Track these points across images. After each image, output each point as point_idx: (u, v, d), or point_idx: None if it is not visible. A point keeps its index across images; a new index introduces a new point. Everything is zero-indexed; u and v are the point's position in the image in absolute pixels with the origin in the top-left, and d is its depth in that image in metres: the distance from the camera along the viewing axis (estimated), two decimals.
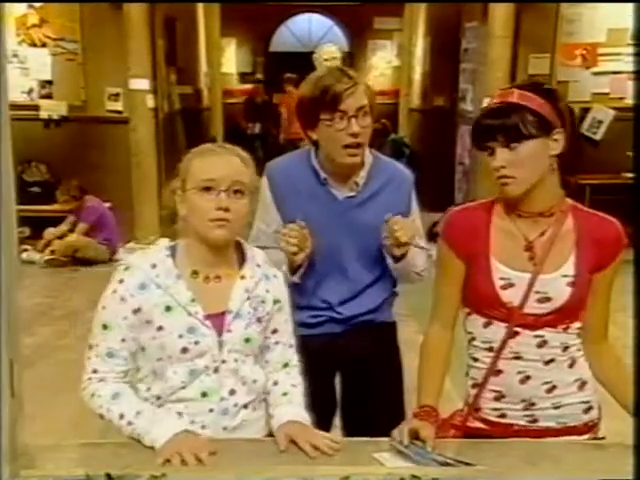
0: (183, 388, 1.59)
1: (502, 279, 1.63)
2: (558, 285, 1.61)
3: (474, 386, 1.72)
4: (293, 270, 1.97)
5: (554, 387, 1.66)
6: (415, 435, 1.54)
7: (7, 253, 1.30)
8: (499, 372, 1.68)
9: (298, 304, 2.12)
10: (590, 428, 1.71)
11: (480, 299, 1.68)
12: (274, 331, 1.70)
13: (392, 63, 12.62)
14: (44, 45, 6.67)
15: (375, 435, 1.61)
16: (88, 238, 6.37)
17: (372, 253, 2.05)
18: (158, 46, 6.93)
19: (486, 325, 1.68)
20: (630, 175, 6.10)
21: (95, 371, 1.61)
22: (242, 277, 1.64)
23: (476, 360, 1.72)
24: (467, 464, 1.47)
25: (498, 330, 1.66)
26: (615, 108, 6.56)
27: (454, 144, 7.88)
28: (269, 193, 2.07)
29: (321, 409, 2.09)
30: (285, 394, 1.68)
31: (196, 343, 1.57)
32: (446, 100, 8.52)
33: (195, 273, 1.61)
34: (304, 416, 1.63)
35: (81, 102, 6.74)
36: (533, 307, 1.62)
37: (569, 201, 1.66)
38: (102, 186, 6.56)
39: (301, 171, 2.06)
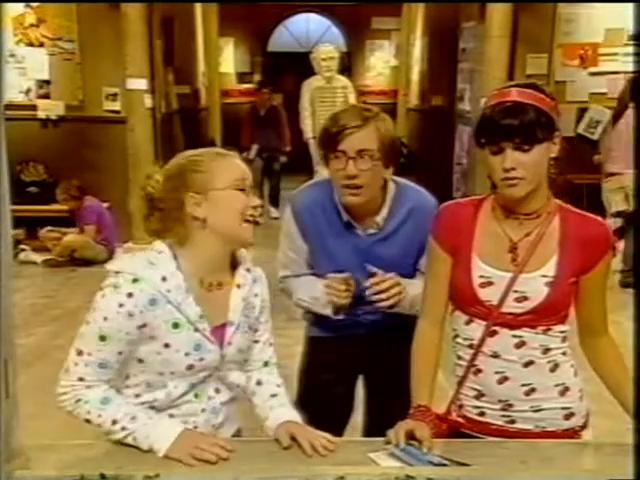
0: (180, 397, 1.60)
1: (481, 277, 1.64)
2: (536, 285, 1.61)
3: (458, 383, 1.74)
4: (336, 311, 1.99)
5: (533, 390, 1.66)
6: (411, 435, 1.54)
7: (2, 253, 1.30)
8: (479, 371, 1.68)
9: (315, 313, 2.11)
10: (571, 435, 1.70)
11: (459, 296, 1.69)
12: (254, 330, 1.71)
13: (390, 63, 12.62)
14: (41, 45, 6.66)
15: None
16: (86, 238, 6.36)
17: None
18: (156, 46, 6.92)
19: (467, 322, 1.69)
20: None
21: (82, 379, 1.53)
22: (238, 286, 1.63)
23: (459, 357, 1.73)
24: (462, 464, 1.47)
25: (478, 328, 1.66)
26: (612, 108, 6.56)
27: (452, 144, 7.88)
28: (295, 226, 2.07)
29: (340, 409, 2.09)
30: (274, 395, 1.69)
31: (201, 360, 1.57)
32: (444, 100, 8.52)
33: (201, 281, 1.59)
34: (298, 416, 1.66)
35: (78, 102, 6.73)
36: (511, 306, 1.62)
37: (557, 202, 1.66)
38: (99, 186, 6.56)
39: (325, 208, 2.04)
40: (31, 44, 6.64)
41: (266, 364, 1.74)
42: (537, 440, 1.63)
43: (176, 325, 1.53)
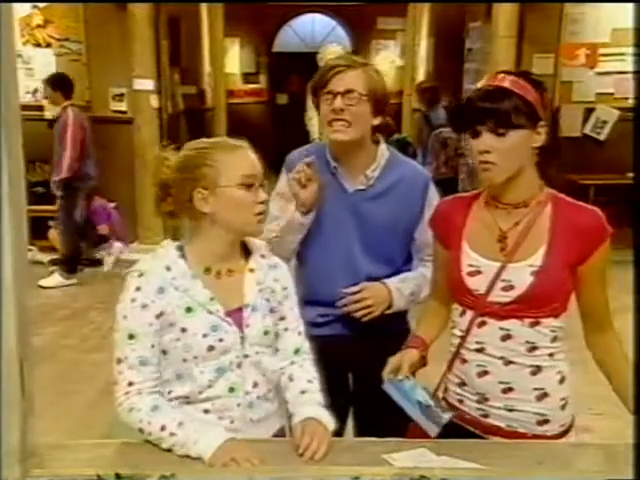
0: (210, 387, 1.61)
1: (470, 266, 1.66)
2: (521, 274, 1.60)
3: (447, 368, 1.78)
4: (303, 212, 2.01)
5: (510, 389, 1.66)
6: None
7: (18, 254, 1.30)
8: (464, 361, 1.71)
9: (305, 299, 2.12)
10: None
11: (451, 285, 1.72)
12: (282, 318, 1.72)
13: (395, 63, 12.59)
14: (48, 45, 6.69)
15: (384, 435, 1.61)
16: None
17: (381, 250, 2.05)
18: (162, 46, 6.93)
19: (461, 314, 1.71)
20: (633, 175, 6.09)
21: (131, 384, 1.56)
22: (251, 270, 1.66)
23: (452, 345, 1.76)
24: (448, 410, 1.64)
25: (469, 319, 1.69)
26: (620, 108, 6.56)
27: None
28: (286, 182, 2.09)
29: (334, 408, 2.08)
30: (303, 392, 1.68)
31: (220, 340, 1.59)
32: (450, 100, 8.50)
33: (207, 270, 1.63)
34: (323, 414, 1.63)
35: (85, 102, 6.73)
36: (498, 295, 1.63)
37: (550, 192, 1.65)
38: (106, 186, 6.56)
39: (316, 161, 2.07)
40: (38, 45, 6.67)
41: (297, 351, 1.73)
42: (552, 441, 1.64)
43: (189, 309, 1.58)
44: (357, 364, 2.11)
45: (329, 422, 1.60)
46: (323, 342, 2.01)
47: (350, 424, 2.24)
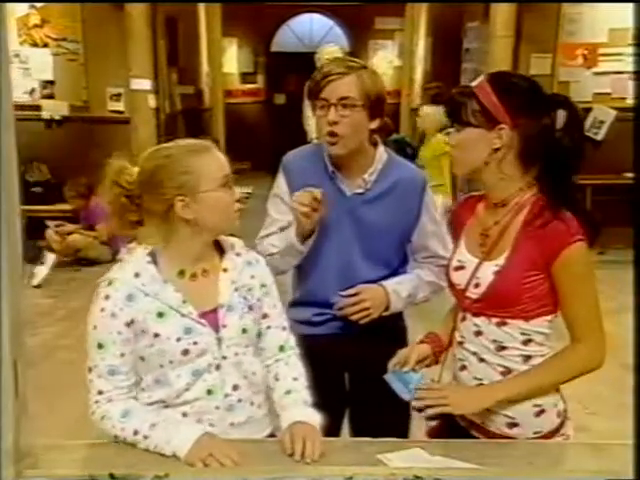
0: (187, 390, 1.59)
1: (459, 261, 1.71)
2: (486, 272, 1.62)
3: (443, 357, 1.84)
4: (302, 239, 1.97)
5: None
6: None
7: (11, 253, 1.30)
8: (453, 354, 1.76)
9: (301, 301, 2.12)
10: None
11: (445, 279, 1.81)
12: (264, 316, 1.70)
13: (393, 63, 12.62)
14: (46, 45, 6.69)
15: (380, 435, 1.60)
16: (90, 238, 6.38)
17: (379, 253, 2.04)
18: (159, 46, 6.94)
19: (454, 307, 1.78)
20: (631, 175, 6.11)
21: (100, 392, 1.57)
22: (225, 270, 1.64)
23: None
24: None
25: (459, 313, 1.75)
26: (617, 108, 6.57)
27: None
28: (284, 184, 2.08)
29: (330, 408, 2.09)
30: (289, 392, 1.66)
31: (195, 343, 1.57)
32: None
33: (181, 273, 1.61)
34: (310, 414, 1.61)
35: (83, 102, 6.75)
36: (471, 292, 1.66)
37: (534, 195, 1.63)
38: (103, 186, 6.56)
39: (313, 163, 2.07)
40: (35, 44, 6.67)
41: (282, 348, 1.71)
42: (544, 441, 1.63)
43: (161, 314, 1.56)
44: (353, 364, 2.11)
45: (316, 420, 1.59)
46: (319, 341, 2.01)
47: (346, 424, 2.23)
